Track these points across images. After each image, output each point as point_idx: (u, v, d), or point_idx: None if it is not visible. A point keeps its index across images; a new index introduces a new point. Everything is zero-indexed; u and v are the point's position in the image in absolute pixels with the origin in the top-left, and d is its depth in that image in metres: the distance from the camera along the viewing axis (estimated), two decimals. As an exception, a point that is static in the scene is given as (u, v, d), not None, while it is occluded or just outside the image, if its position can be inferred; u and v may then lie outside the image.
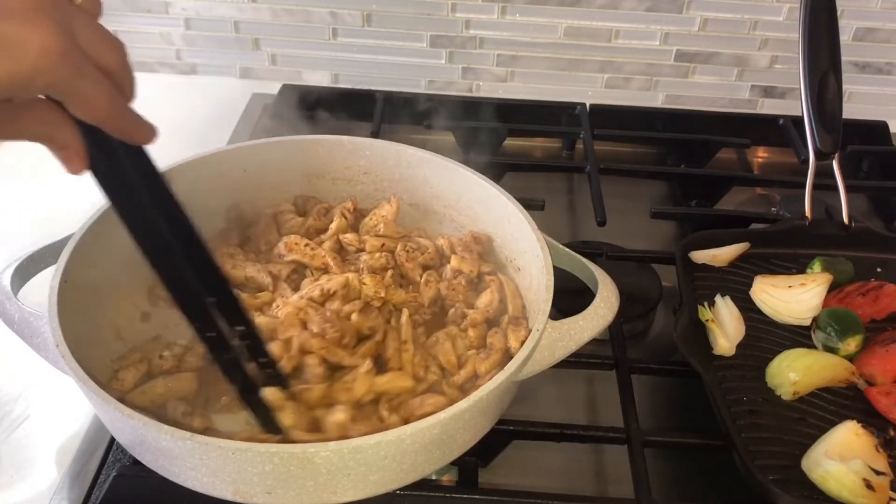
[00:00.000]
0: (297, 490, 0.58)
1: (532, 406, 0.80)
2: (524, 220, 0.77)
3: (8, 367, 0.82)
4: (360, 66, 1.29)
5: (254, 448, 0.55)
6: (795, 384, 0.74)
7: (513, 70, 1.28)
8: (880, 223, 1.08)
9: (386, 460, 0.58)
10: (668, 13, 1.21)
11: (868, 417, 0.73)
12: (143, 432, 0.58)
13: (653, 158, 1.22)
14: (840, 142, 0.92)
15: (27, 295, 0.70)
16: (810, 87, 0.92)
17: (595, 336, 0.70)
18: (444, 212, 0.87)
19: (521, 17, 1.22)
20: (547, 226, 0.78)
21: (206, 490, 0.60)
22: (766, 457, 0.69)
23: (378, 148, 0.87)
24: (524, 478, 0.75)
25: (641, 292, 0.92)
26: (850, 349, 0.79)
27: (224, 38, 1.27)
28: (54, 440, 0.76)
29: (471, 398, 0.59)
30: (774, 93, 1.28)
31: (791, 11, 1.19)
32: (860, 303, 0.83)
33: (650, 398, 0.82)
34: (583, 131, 1.15)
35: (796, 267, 0.90)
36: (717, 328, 0.79)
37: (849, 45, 1.21)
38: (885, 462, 0.67)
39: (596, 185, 1.03)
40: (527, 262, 0.77)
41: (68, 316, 0.65)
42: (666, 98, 1.30)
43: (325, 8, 1.24)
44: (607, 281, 0.74)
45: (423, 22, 1.24)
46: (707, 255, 0.89)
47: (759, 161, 1.24)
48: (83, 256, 0.70)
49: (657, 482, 0.70)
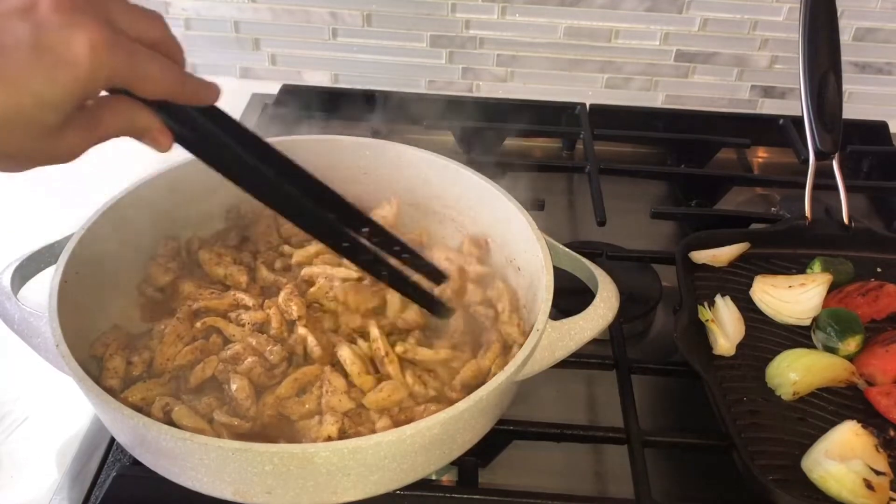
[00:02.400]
0: (297, 490, 0.58)
1: (532, 406, 0.80)
2: (524, 221, 0.77)
3: (8, 367, 0.82)
4: (360, 66, 1.29)
5: (254, 448, 0.55)
6: (795, 384, 0.74)
7: (513, 70, 1.28)
8: (880, 223, 1.08)
9: (386, 460, 0.58)
10: (668, 13, 1.21)
11: (868, 417, 0.73)
12: (143, 432, 0.58)
13: (653, 158, 1.22)
14: (840, 142, 0.92)
15: (27, 295, 0.70)
16: (810, 87, 0.92)
17: (595, 336, 0.70)
18: (444, 212, 0.87)
19: (521, 17, 1.22)
20: (547, 226, 0.78)
21: (206, 490, 0.60)
22: (766, 457, 0.69)
23: (378, 148, 0.87)
24: (524, 478, 0.75)
25: (641, 292, 0.92)
26: (850, 349, 0.79)
27: (224, 38, 1.27)
28: (54, 440, 0.76)
29: (471, 398, 0.59)
30: (774, 93, 1.28)
31: (791, 11, 1.19)
32: (860, 303, 0.83)
33: (650, 398, 0.82)
34: (583, 131, 1.15)
35: (796, 267, 0.90)
36: (717, 328, 0.79)
37: (849, 45, 1.21)
38: (885, 462, 0.67)
39: (596, 185, 1.03)
40: (527, 262, 0.77)
41: (68, 316, 0.65)
42: (666, 98, 1.30)
43: (325, 8, 1.24)
44: (607, 281, 0.74)
45: (423, 22, 1.24)
46: (707, 255, 0.89)
47: (759, 161, 1.24)
48: (83, 256, 0.70)
49: (657, 482, 0.70)
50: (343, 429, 0.64)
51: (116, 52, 0.44)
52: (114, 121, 0.48)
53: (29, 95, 0.43)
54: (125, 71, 0.45)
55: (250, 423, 0.66)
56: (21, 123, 0.43)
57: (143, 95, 0.48)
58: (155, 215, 0.80)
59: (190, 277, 0.79)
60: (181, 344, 0.71)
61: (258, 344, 0.70)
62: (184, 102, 0.50)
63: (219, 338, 0.72)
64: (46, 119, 0.44)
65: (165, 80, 0.48)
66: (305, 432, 0.64)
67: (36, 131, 0.45)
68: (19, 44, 0.42)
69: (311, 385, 0.68)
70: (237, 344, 0.71)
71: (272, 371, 0.69)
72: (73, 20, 0.43)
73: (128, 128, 0.49)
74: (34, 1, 0.43)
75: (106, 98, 0.47)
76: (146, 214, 0.79)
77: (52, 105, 0.44)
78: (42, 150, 0.46)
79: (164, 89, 0.48)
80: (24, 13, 0.43)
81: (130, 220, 0.77)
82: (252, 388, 0.67)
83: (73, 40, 0.43)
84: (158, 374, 0.69)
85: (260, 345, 0.70)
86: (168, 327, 0.72)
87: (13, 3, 0.43)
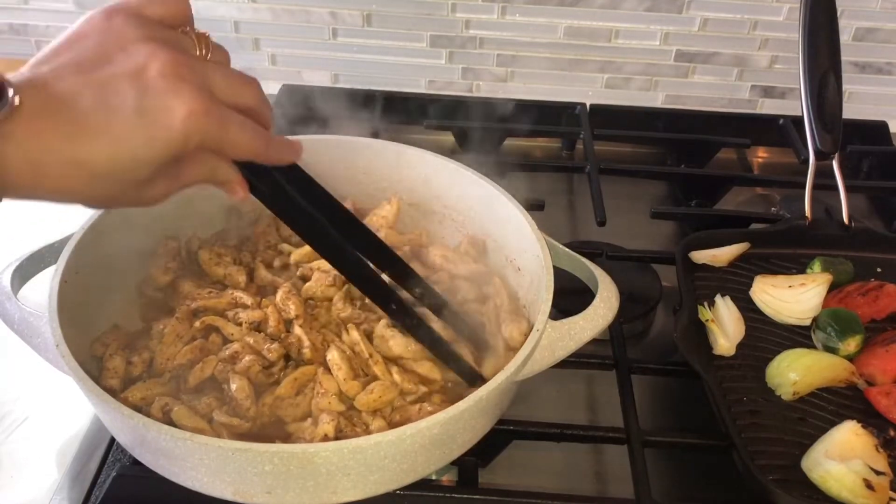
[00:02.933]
0: (297, 490, 0.58)
1: (532, 406, 0.80)
2: (524, 221, 0.77)
3: (8, 367, 0.82)
4: (360, 66, 1.29)
5: (254, 448, 0.55)
6: (795, 384, 0.74)
7: (513, 70, 1.28)
8: (880, 223, 1.08)
9: (386, 460, 0.58)
10: (668, 13, 1.21)
11: (868, 417, 0.73)
12: (142, 432, 0.58)
13: (653, 158, 1.22)
14: (840, 142, 0.92)
15: (27, 295, 0.70)
16: (810, 87, 0.92)
17: (595, 336, 0.70)
18: (444, 212, 0.87)
19: (521, 17, 1.22)
20: (547, 226, 0.78)
21: (206, 490, 0.60)
22: (766, 457, 0.69)
23: (378, 148, 0.87)
24: (524, 478, 0.75)
25: (641, 292, 0.92)
26: (850, 349, 0.79)
27: (224, 38, 1.25)
28: (54, 440, 0.76)
29: (471, 398, 0.59)
30: (774, 93, 1.28)
31: (791, 11, 1.19)
32: (860, 303, 0.83)
33: (650, 398, 0.82)
34: (583, 131, 1.15)
35: (796, 267, 0.90)
36: (717, 328, 0.79)
37: (849, 45, 1.21)
38: (885, 462, 0.67)
39: (596, 185, 1.03)
40: (527, 262, 0.77)
41: (68, 316, 0.65)
42: (666, 98, 1.30)
43: (325, 8, 1.24)
44: (607, 281, 0.74)
45: (423, 22, 1.24)
46: (707, 255, 0.89)
47: (759, 161, 1.24)
48: (83, 256, 0.71)
49: (657, 482, 0.70)
50: (339, 427, 0.64)
51: (210, 120, 0.48)
52: (197, 172, 0.52)
53: (128, 152, 0.46)
54: (215, 138, 0.49)
55: (250, 423, 0.66)
56: (117, 176, 0.47)
57: (230, 157, 0.52)
58: (155, 215, 0.79)
59: (189, 277, 0.79)
60: (180, 343, 0.71)
61: (255, 342, 0.70)
62: (266, 164, 0.54)
63: (218, 337, 0.72)
64: (140, 174, 0.48)
65: (251, 147, 0.52)
66: (300, 434, 0.64)
67: (128, 182, 0.48)
68: (126, 105, 0.46)
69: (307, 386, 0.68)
70: (235, 343, 0.71)
71: (270, 369, 0.69)
72: (175, 86, 0.46)
73: (209, 179, 0.53)
74: (145, 66, 0.46)
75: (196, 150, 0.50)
76: (146, 214, 0.78)
77: (146, 162, 0.47)
78: (130, 197, 0.50)
79: (249, 154, 0.52)
80: (135, 77, 0.46)
81: (130, 220, 0.77)
82: (252, 388, 0.67)
83: (173, 107, 0.46)
84: (158, 373, 0.69)
85: (257, 343, 0.70)
86: (167, 327, 0.72)
87: (127, 65, 0.46)
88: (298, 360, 0.71)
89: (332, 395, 0.66)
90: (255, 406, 0.67)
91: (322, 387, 0.67)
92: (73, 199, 0.49)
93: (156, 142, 0.46)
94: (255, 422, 0.66)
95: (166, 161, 0.48)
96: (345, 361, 0.68)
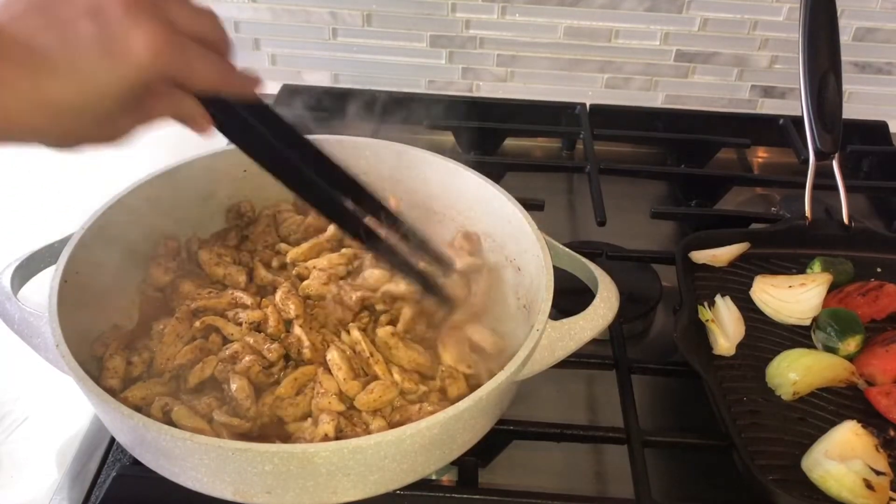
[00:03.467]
0: (297, 490, 0.58)
1: (532, 406, 0.80)
2: (524, 220, 0.77)
3: (8, 367, 0.82)
4: (360, 66, 1.29)
5: (254, 448, 0.55)
6: (795, 384, 0.74)
7: (513, 70, 1.28)
8: (880, 223, 1.08)
9: (386, 460, 0.58)
10: (668, 13, 1.21)
11: (868, 417, 0.73)
12: (142, 432, 0.58)
13: (653, 158, 1.22)
14: (840, 142, 0.92)
15: (27, 295, 0.70)
16: (810, 87, 0.92)
17: (595, 336, 0.70)
18: (444, 212, 0.87)
19: (521, 17, 1.22)
20: (547, 226, 0.78)
21: (206, 490, 0.60)
22: (766, 457, 0.69)
23: (378, 148, 0.87)
24: (524, 478, 0.75)
25: (641, 292, 0.92)
26: (850, 349, 0.79)
27: (224, 39, 1.27)
28: (54, 440, 0.76)
29: (471, 398, 0.59)
30: (774, 93, 1.28)
31: (791, 11, 1.19)
32: (860, 303, 0.83)
33: (650, 398, 0.82)
34: (583, 131, 1.15)
35: (796, 267, 0.90)
36: (717, 328, 0.79)
37: (849, 45, 1.21)
38: (885, 462, 0.67)
39: (596, 185, 1.03)
40: (527, 262, 0.77)
41: (68, 316, 0.65)
42: (666, 98, 1.30)
43: (324, 8, 1.24)
44: (607, 281, 0.74)
45: (423, 22, 1.24)
46: (707, 255, 0.89)
47: (759, 161, 1.24)
48: (83, 256, 0.71)
49: (657, 482, 0.70)
50: (339, 427, 0.64)
51: (170, 51, 0.48)
52: (161, 107, 0.52)
53: (92, 86, 0.47)
54: (179, 67, 0.50)
55: (250, 423, 0.66)
56: (82, 111, 0.48)
57: (192, 89, 0.52)
58: (155, 215, 0.80)
59: (189, 277, 0.79)
60: (180, 343, 0.71)
61: (255, 342, 0.70)
62: (228, 96, 0.55)
63: (218, 337, 0.72)
64: (105, 108, 0.49)
65: (212, 78, 0.52)
66: (300, 434, 0.64)
67: (94, 117, 0.49)
68: (88, 41, 0.46)
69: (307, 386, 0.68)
70: (235, 343, 0.71)
71: (270, 369, 0.69)
72: (135, 18, 0.47)
73: (172, 114, 0.54)
74: (102, 3, 0.47)
75: (158, 85, 0.50)
76: (146, 215, 0.79)
77: (111, 95, 0.48)
78: (96, 135, 0.51)
79: (210, 85, 0.53)
80: (94, 12, 0.47)
81: (130, 220, 0.77)
82: (252, 388, 0.67)
83: (135, 38, 0.47)
84: (158, 373, 0.70)
85: (257, 343, 0.70)
86: (167, 327, 0.72)
87: (83, 4, 0.47)
88: (298, 360, 0.71)
89: (332, 395, 0.66)
90: (255, 406, 0.67)
91: (322, 387, 0.67)
92: (39, 140, 0.49)
93: (119, 74, 0.47)
94: (255, 422, 0.66)
95: (131, 94, 0.49)
96: (345, 361, 0.68)
